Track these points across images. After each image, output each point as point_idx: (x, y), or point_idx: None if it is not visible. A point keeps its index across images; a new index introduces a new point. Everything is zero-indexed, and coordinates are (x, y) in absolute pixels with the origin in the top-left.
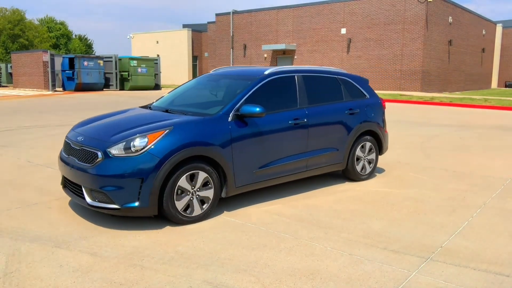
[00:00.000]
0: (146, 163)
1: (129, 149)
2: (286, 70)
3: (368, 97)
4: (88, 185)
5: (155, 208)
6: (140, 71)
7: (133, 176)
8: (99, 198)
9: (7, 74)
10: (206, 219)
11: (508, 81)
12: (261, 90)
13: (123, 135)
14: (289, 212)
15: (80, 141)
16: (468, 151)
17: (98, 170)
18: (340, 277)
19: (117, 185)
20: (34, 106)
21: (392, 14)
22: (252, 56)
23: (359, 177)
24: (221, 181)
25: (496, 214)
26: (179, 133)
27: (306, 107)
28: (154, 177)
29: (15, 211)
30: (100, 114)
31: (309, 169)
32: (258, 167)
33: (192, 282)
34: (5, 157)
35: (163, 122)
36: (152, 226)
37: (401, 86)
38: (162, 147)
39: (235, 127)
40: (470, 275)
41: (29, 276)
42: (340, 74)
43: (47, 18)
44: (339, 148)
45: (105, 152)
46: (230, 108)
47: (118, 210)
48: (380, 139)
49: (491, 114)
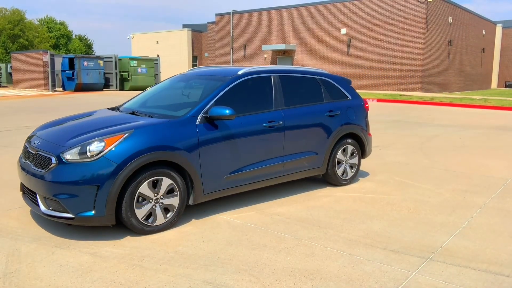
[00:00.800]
0: (102, 169)
1: (85, 154)
2: (261, 70)
3: (350, 98)
4: (42, 192)
5: (112, 217)
6: (140, 71)
7: (87, 183)
8: (53, 207)
9: (7, 74)
10: (172, 228)
11: (508, 81)
12: (233, 91)
13: (79, 139)
14: (289, 212)
15: (37, 145)
16: (468, 151)
17: (51, 177)
18: (340, 277)
19: (70, 193)
20: (34, 106)
21: (392, 14)
22: (252, 56)
23: (340, 182)
24: (188, 187)
25: (496, 214)
26: (140, 137)
27: (283, 108)
28: (111, 184)
29: (15, 211)
30: (65, 116)
31: (285, 174)
32: (229, 172)
33: (192, 282)
34: (5, 157)
35: (124, 125)
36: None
37: (401, 86)
38: (120, 152)
39: (204, 130)
40: (470, 275)
41: (29, 276)
42: (320, 75)
43: (47, 18)
44: (319, 152)
45: (58, 157)
46: (198, 110)
47: (72, 219)
48: (362, 142)
49: (491, 114)
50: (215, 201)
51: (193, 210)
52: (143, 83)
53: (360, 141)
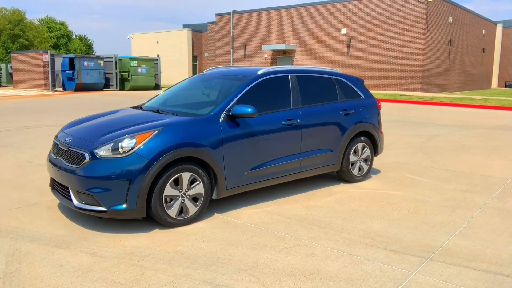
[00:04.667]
0: (134, 164)
1: (117, 150)
2: (279, 70)
3: (363, 97)
4: (75, 187)
5: (143, 211)
6: (140, 71)
7: (120, 177)
8: (86, 200)
9: (7, 74)
10: (197, 221)
11: (508, 81)
12: (253, 90)
13: (111, 136)
14: (289, 212)
15: (68, 142)
16: (468, 151)
17: (85, 172)
18: (340, 277)
19: (104, 187)
20: (34, 106)
21: (392, 14)
22: (252, 56)
23: (353, 179)
24: (211, 183)
25: (496, 214)
26: (168, 134)
27: (300, 107)
28: (142, 179)
29: (15, 211)
30: (91, 115)
31: (302, 171)
32: (250, 168)
33: (192, 282)
34: (5, 157)
35: (153, 123)
36: (152, 226)
37: (401, 86)
38: (151, 148)
39: (227, 127)
40: (470, 275)
41: (29, 276)
42: (334, 74)
43: (47, 18)
44: (333, 149)
45: (92, 153)
46: (221, 109)
47: (105, 212)
48: (375, 140)
49: (491, 114)
50: (216, 201)
51: None
52: (143, 83)
53: (372, 139)
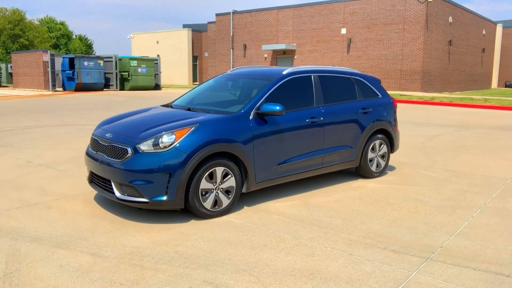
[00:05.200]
0: (174, 158)
1: (158, 145)
2: (303, 70)
3: (380, 96)
4: (118, 180)
5: (181, 202)
6: (140, 71)
7: (161, 171)
8: (129, 192)
9: (7, 74)
10: (228, 214)
11: (508, 81)
12: (279, 89)
13: (151, 132)
14: (289, 212)
15: (109, 138)
16: (468, 151)
17: (128, 165)
18: (340, 277)
19: (146, 180)
20: (34, 106)
21: (392, 14)
22: (252, 56)
23: (372, 175)
24: (242, 177)
25: (496, 214)
26: (204, 130)
27: (322, 106)
28: (181, 172)
29: (15, 211)
30: (123, 113)
31: (324, 166)
32: (277, 163)
33: (192, 282)
34: (5, 157)
35: (189, 120)
36: (152, 226)
37: (401, 86)
38: (189, 143)
39: (256, 125)
40: (470, 275)
41: (29, 276)
42: (353, 74)
43: (47, 18)
44: (353, 146)
45: (134, 148)
46: (251, 107)
47: (147, 203)
48: (392, 138)
49: (491, 114)
50: None
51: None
52: (143, 83)
53: (389, 136)
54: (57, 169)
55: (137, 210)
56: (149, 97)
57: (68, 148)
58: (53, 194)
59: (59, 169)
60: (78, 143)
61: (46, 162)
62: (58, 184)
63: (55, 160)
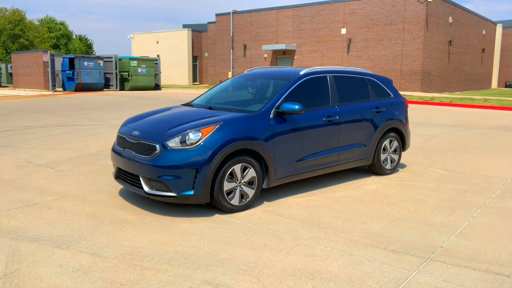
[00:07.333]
0: (200, 155)
1: (185, 142)
2: (319, 71)
3: (392, 96)
4: (147, 175)
5: (207, 196)
6: (140, 71)
7: (189, 166)
8: (157, 187)
9: (7, 74)
10: (249, 209)
11: (508, 81)
12: (297, 89)
13: (177, 130)
14: (289, 212)
15: (137, 135)
16: (468, 151)
17: (156, 161)
18: (340, 277)
19: (174, 175)
20: (34, 106)
21: (392, 14)
22: (252, 56)
23: (384, 172)
24: (263, 173)
25: (496, 214)
26: (228, 128)
27: (338, 105)
28: (208, 167)
29: (15, 211)
30: (145, 112)
31: (339, 164)
32: (296, 160)
33: (192, 282)
34: (5, 157)
35: (213, 118)
36: (152, 226)
37: (401, 86)
38: (214, 140)
39: (276, 123)
40: (470, 275)
41: (29, 276)
42: (367, 75)
43: (47, 18)
44: (367, 144)
45: (163, 145)
46: (271, 106)
47: (175, 197)
48: (403, 136)
49: (491, 114)
50: None
51: (193, 210)
52: (143, 83)
53: (401, 135)
54: (57, 169)
55: (137, 210)
56: (149, 97)
57: (68, 148)
58: (53, 194)
59: (59, 169)
60: (78, 143)
61: (46, 162)
62: (58, 184)
63: (55, 160)
